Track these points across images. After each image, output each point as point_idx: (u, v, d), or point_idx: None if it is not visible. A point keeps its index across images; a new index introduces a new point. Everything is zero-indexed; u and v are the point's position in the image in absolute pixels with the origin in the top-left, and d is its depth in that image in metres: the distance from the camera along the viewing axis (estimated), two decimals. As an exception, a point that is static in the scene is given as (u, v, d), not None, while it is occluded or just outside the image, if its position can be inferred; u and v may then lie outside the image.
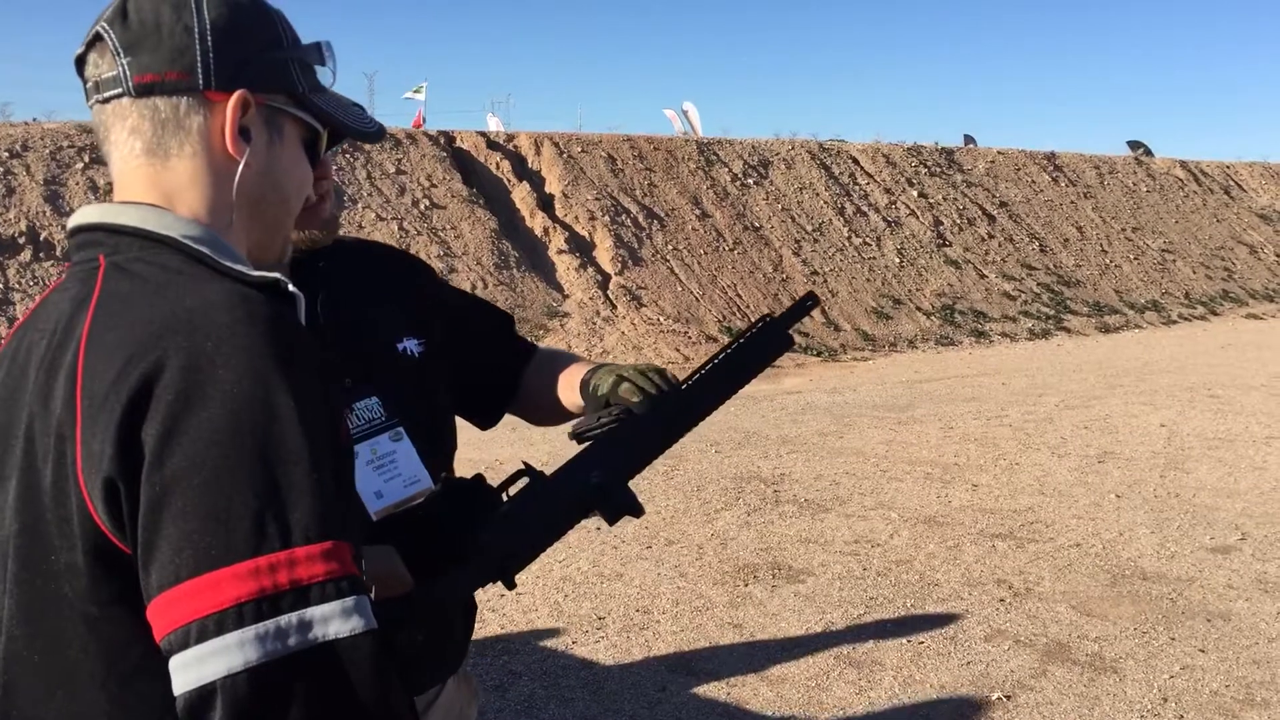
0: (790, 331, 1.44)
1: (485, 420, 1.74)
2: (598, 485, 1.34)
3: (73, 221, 1.04)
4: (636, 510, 1.35)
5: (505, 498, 1.36)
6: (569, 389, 1.59)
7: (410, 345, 1.56)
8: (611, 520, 1.35)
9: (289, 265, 1.47)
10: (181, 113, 1.00)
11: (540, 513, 1.33)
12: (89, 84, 1.02)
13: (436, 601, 1.30)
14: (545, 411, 1.69)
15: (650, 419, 1.38)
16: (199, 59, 0.99)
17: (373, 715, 0.85)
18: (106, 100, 1.01)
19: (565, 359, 1.69)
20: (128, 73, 0.99)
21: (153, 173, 1.01)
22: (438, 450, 1.54)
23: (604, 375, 1.47)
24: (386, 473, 1.44)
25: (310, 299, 1.48)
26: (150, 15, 0.99)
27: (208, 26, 1.00)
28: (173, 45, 0.99)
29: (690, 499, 6.40)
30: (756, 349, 1.42)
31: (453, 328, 1.66)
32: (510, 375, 1.71)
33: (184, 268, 0.95)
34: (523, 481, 1.36)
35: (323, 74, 1.14)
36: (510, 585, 1.32)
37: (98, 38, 1.01)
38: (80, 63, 1.03)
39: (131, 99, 1.00)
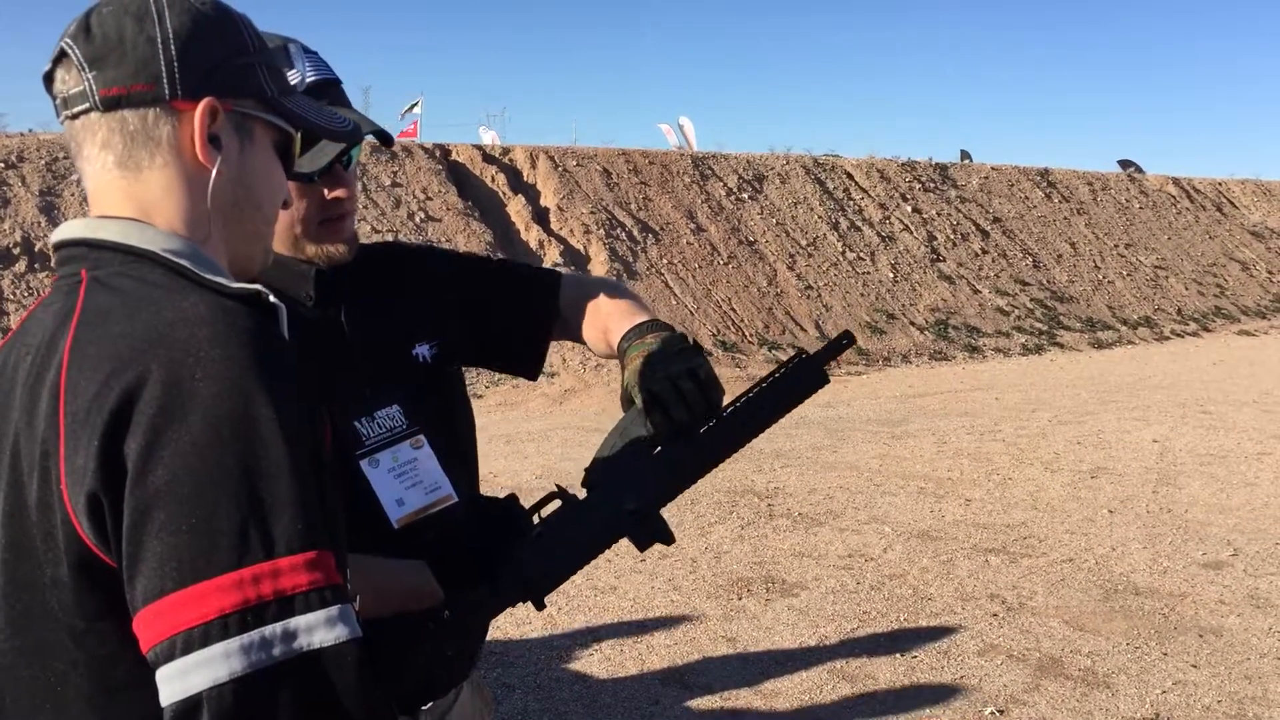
0: (826, 370, 1.41)
1: (528, 373, 1.72)
2: (631, 512, 1.33)
3: (55, 236, 1.03)
4: (667, 538, 1.34)
5: (537, 519, 1.36)
6: (609, 347, 1.54)
7: (423, 350, 1.56)
8: (642, 547, 1.34)
9: (313, 278, 1.48)
10: (150, 124, 0.99)
11: (573, 536, 1.33)
12: (58, 100, 1.02)
13: (464, 619, 1.30)
14: (587, 342, 1.65)
15: (685, 450, 1.36)
16: (164, 69, 0.98)
17: None
18: (75, 116, 1.00)
19: (597, 302, 1.60)
20: (93, 87, 0.98)
21: (126, 185, 1.00)
22: (458, 458, 1.55)
23: (634, 381, 1.38)
24: (408, 480, 1.45)
25: (335, 308, 1.50)
26: (113, 28, 0.99)
27: (170, 35, 0.99)
28: (137, 57, 0.98)
29: (684, 512, 6.41)
30: (790, 386, 1.39)
31: (469, 310, 1.65)
32: (540, 330, 1.68)
33: (164, 281, 0.95)
34: (555, 504, 1.35)
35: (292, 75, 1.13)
36: (540, 606, 1.33)
37: (63, 54, 1.00)
38: (49, 80, 1.03)
39: (100, 113, 0.99)
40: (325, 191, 1.46)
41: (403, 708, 1.44)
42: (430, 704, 1.51)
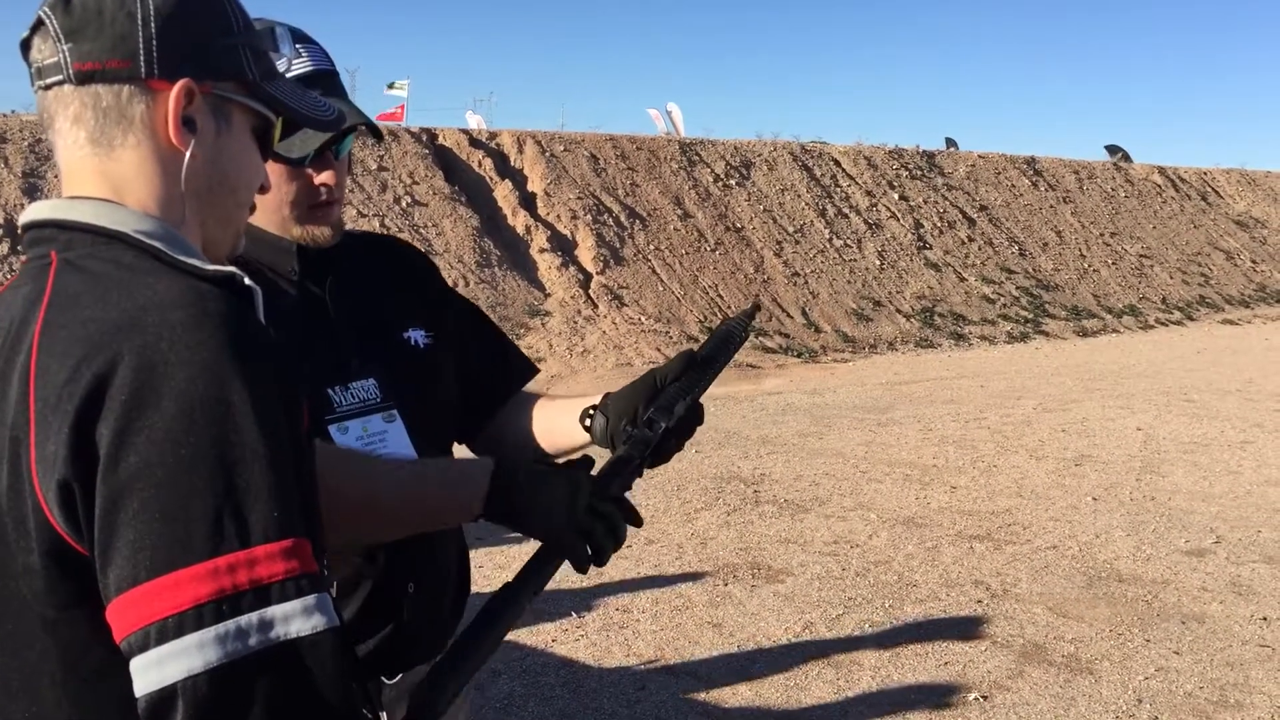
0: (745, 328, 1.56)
1: (468, 427, 1.74)
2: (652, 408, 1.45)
3: (25, 218, 1.01)
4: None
5: None
6: (565, 427, 1.61)
7: (417, 336, 1.60)
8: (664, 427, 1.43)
9: (296, 253, 1.50)
10: (124, 102, 0.96)
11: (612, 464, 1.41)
12: (32, 69, 0.99)
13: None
14: (516, 446, 1.69)
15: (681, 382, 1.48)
16: (141, 46, 0.96)
17: (335, 712, 0.84)
18: (49, 87, 0.98)
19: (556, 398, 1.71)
20: (68, 60, 0.96)
21: (98, 163, 0.98)
22: (433, 437, 1.57)
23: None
24: (375, 449, 1.48)
25: (320, 284, 1.53)
26: (93, 0, 0.96)
27: (151, 13, 0.96)
28: (114, 32, 0.95)
29: (670, 498, 6.41)
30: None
31: (457, 334, 1.69)
32: (500, 390, 1.72)
33: (137, 263, 0.92)
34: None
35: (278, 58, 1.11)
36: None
37: (40, 22, 0.98)
38: (25, 47, 1.00)
39: (73, 86, 0.97)
40: (313, 177, 1.48)
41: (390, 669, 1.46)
42: (399, 675, 1.54)
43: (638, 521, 1.35)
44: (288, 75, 1.37)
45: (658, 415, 1.44)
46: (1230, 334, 17.70)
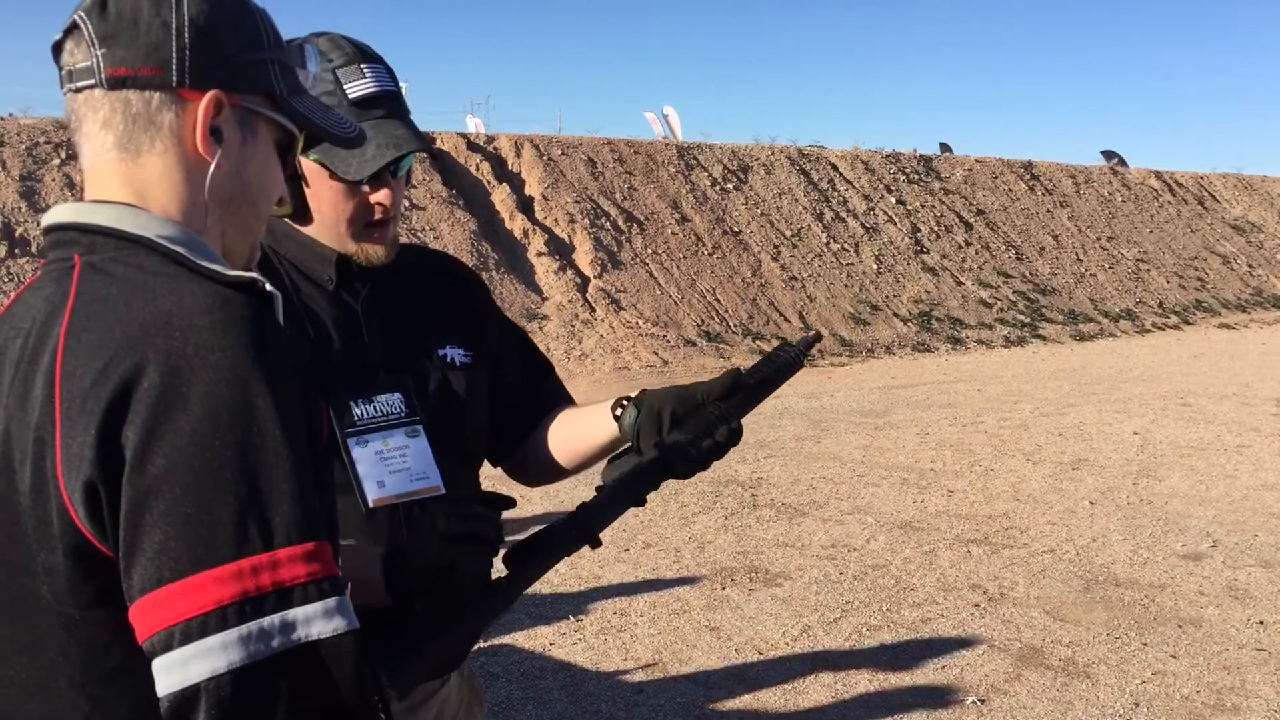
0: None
1: (497, 449, 1.74)
2: (672, 445, 1.47)
3: (47, 220, 1.02)
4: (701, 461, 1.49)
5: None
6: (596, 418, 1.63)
7: (455, 354, 1.59)
8: (680, 473, 1.48)
9: (334, 263, 1.51)
10: (153, 108, 0.98)
11: (622, 482, 1.46)
12: (63, 72, 1.01)
13: (525, 566, 1.40)
14: (537, 460, 1.71)
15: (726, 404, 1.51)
16: (174, 55, 0.98)
17: (354, 713, 0.86)
18: (79, 90, 0.99)
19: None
20: (101, 64, 0.97)
21: (124, 169, 0.99)
22: (460, 457, 1.57)
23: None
24: (393, 465, 1.46)
25: (354, 294, 1.53)
26: (129, 8, 0.98)
27: (186, 23, 0.98)
28: (149, 40, 0.97)
29: (668, 502, 6.42)
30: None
31: (497, 355, 1.69)
32: (530, 411, 1.73)
33: (160, 268, 0.94)
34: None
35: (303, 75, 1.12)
36: (595, 544, 1.44)
37: (75, 26, 1.00)
38: (57, 50, 1.02)
39: (104, 91, 0.98)
40: (369, 196, 1.49)
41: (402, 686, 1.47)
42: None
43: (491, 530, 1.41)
44: (350, 96, 1.42)
45: (701, 436, 1.48)
46: (1227, 338, 17.73)
